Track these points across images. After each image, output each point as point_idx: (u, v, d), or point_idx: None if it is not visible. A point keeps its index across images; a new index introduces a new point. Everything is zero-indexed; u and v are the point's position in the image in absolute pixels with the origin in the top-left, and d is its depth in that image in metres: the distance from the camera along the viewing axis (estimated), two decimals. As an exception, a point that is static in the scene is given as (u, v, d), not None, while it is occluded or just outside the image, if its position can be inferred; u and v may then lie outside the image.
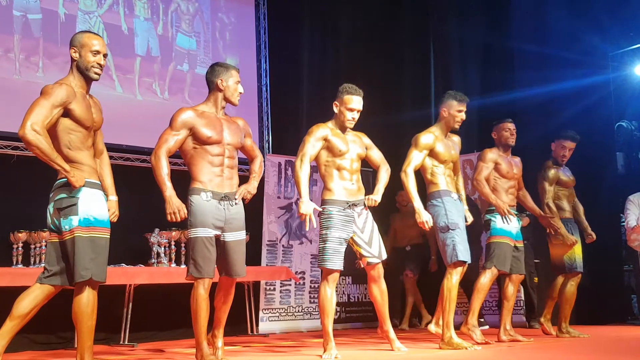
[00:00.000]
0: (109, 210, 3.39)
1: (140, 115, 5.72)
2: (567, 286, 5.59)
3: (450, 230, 4.58)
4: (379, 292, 4.41)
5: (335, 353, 4.09)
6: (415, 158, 4.67)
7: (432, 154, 4.72)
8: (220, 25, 6.64)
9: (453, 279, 4.60)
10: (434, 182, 4.73)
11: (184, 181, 3.94)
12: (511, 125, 5.28)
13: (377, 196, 4.37)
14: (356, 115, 4.35)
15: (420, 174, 4.80)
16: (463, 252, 4.58)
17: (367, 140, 4.52)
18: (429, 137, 4.71)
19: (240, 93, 3.99)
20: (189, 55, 6.07)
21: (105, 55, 3.37)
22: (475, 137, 7.61)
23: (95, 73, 3.32)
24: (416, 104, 8.50)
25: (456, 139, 4.96)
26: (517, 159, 5.39)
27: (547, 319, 5.72)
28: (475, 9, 8.48)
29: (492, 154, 5.20)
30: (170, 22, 5.96)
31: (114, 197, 3.51)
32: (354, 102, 4.31)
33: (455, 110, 4.77)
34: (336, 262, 4.19)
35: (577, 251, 5.58)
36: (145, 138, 6.27)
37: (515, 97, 7.97)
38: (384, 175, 4.49)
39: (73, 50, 3.32)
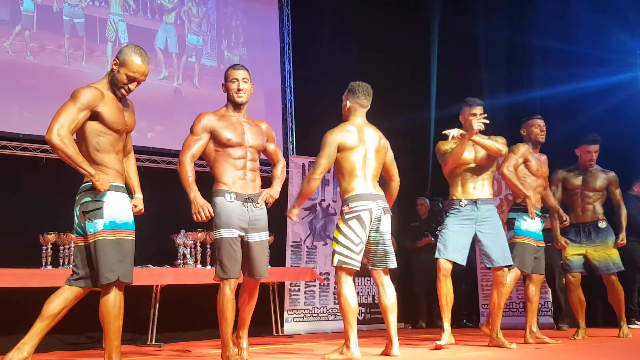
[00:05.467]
0: (135, 206, 3.44)
1: (161, 96, 6.82)
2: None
3: None
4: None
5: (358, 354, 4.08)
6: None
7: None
8: (226, 25, 7.48)
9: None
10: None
11: (209, 182, 3.97)
12: (541, 122, 5.23)
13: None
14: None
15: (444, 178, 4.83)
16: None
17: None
18: (447, 143, 4.83)
19: (240, 90, 3.93)
20: (196, 50, 7.21)
21: (140, 82, 3.34)
22: (503, 136, 7.55)
23: (121, 93, 3.33)
24: (441, 103, 8.46)
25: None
26: (544, 157, 5.33)
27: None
28: (500, 7, 8.41)
29: (524, 149, 5.15)
30: (183, 23, 7.16)
31: (139, 195, 3.56)
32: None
33: (468, 114, 4.83)
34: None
35: (570, 252, 5.54)
36: (171, 134, 6.66)
37: (541, 96, 7.89)
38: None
39: (115, 62, 3.32)
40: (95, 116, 3.24)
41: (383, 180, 4.42)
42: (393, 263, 4.23)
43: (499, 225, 4.82)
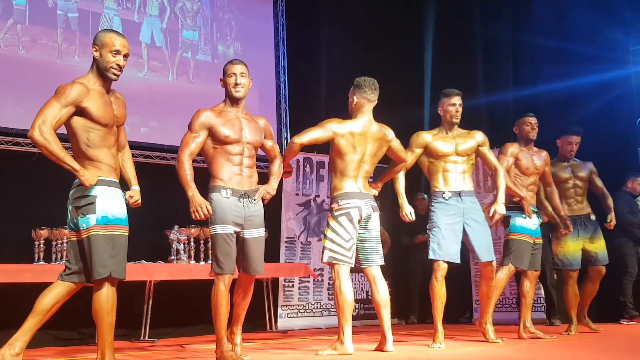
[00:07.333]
0: (132, 197, 3.45)
1: (155, 91, 6.79)
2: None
3: None
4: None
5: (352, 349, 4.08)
6: (410, 158, 4.72)
7: (427, 150, 4.81)
8: (220, 20, 7.45)
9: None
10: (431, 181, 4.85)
11: (206, 179, 3.95)
12: (532, 119, 5.24)
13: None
14: None
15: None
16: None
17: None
18: (422, 135, 4.85)
19: (237, 84, 3.89)
20: (191, 45, 7.19)
21: (126, 56, 3.35)
22: (498, 133, 7.56)
23: (114, 74, 3.32)
24: (437, 101, 8.43)
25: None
26: (544, 153, 5.33)
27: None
28: (496, 5, 8.41)
29: (512, 148, 5.17)
30: (177, 18, 7.14)
31: (136, 187, 3.56)
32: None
33: (447, 105, 4.85)
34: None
35: (572, 248, 5.54)
36: (164, 129, 6.65)
37: (536, 93, 7.89)
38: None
39: (94, 49, 3.33)
40: (81, 112, 3.22)
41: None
42: (379, 261, 4.24)
43: (483, 218, 4.81)
